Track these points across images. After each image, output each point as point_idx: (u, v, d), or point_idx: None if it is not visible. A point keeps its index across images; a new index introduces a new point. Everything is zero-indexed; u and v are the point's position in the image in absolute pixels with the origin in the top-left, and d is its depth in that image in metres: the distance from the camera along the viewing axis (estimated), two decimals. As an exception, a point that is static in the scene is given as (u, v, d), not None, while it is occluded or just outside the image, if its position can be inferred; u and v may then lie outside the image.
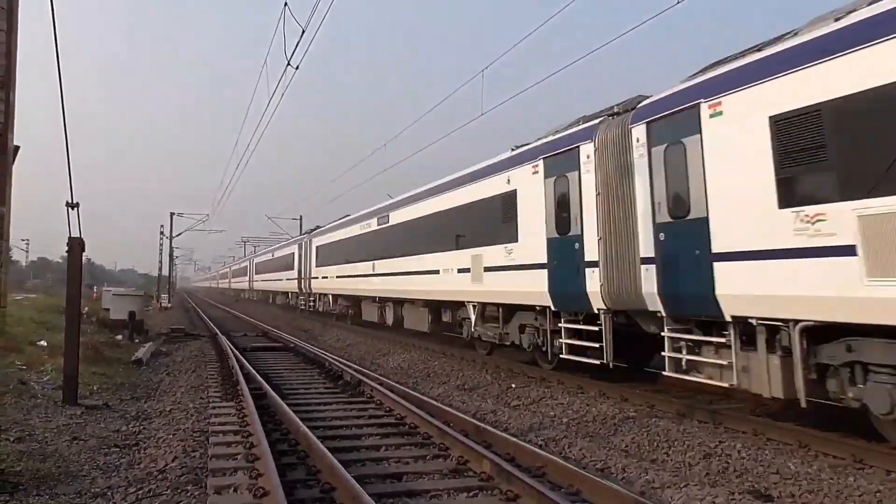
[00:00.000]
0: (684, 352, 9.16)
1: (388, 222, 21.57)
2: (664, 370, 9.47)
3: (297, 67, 11.70)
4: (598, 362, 10.91)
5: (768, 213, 7.63)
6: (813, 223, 7.09)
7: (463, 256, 15.40)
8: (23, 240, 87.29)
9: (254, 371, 12.73)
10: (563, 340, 11.74)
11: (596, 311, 10.84)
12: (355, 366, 13.98)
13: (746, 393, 8.47)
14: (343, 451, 7.29)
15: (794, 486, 6.50)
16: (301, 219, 58.19)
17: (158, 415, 9.63)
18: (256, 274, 57.92)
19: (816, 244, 7.05)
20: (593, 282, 10.69)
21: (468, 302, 15.47)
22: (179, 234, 55.04)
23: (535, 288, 12.28)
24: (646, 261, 9.65)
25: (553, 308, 11.96)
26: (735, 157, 8.15)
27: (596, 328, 10.89)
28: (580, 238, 11.12)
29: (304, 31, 10.46)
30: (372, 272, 22.89)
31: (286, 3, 10.47)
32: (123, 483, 6.29)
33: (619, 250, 10.22)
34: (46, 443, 7.64)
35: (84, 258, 11.00)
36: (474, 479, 6.38)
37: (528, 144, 13.25)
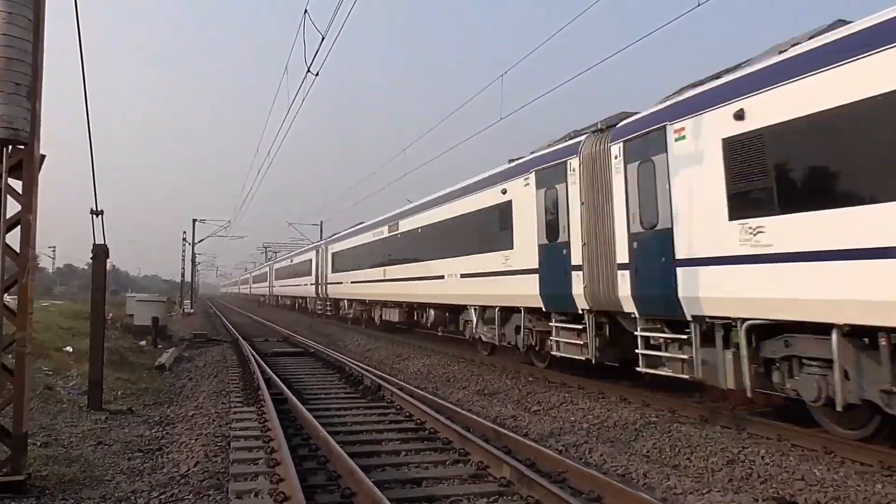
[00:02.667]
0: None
1: None
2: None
3: (316, 74, 11.78)
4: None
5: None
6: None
7: None
8: (49, 247, 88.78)
9: (275, 376, 12.82)
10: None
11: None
12: (375, 371, 14.03)
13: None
14: (363, 455, 7.31)
15: (820, 493, 6.39)
16: (321, 224, 58.56)
17: (181, 420, 9.73)
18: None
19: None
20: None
21: None
22: (201, 241, 55.75)
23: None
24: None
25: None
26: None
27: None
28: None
29: (323, 38, 10.52)
30: None
31: (306, 11, 10.55)
32: (147, 487, 6.36)
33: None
34: (72, 447, 7.76)
35: (108, 265, 11.16)
36: (494, 485, 6.37)
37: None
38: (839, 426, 7.80)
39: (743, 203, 8.09)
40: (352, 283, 28.76)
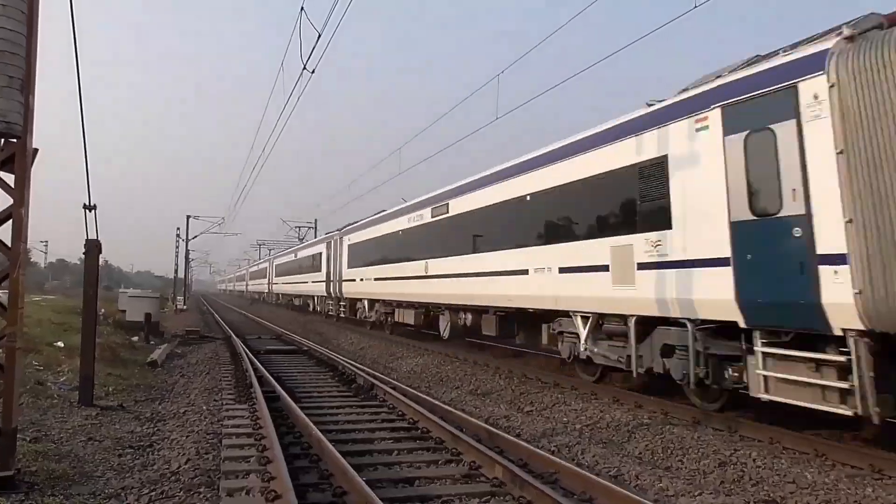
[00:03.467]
0: None
1: None
2: None
3: (312, 71, 11.75)
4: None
5: None
6: None
7: None
8: (41, 241, 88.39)
9: (267, 374, 12.79)
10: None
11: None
12: (368, 369, 14.00)
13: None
14: (355, 454, 7.29)
15: (811, 495, 6.41)
16: (316, 223, 58.44)
17: (172, 416, 9.68)
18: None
19: None
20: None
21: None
22: (195, 237, 55.68)
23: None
24: None
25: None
26: None
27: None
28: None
29: (319, 36, 10.49)
30: None
31: (302, 8, 10.52)
32: (137, 484, 6.33)
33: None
34: (62, 443, 7.71)
35: (101, 260, 11.11)
36: (486, 485, 6.36)
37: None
38: None
39: None
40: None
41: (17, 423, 6.32)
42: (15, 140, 6.17)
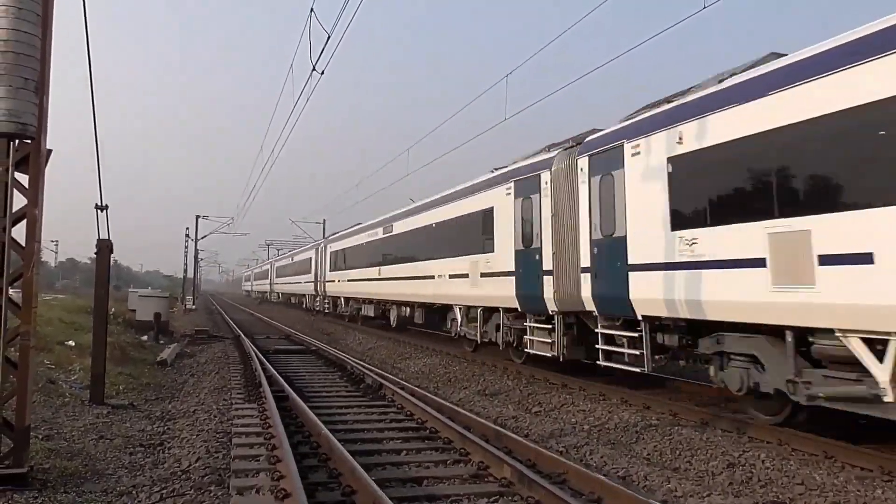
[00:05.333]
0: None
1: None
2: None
3: (322, 73, 11.80)
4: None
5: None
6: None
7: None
8: (52, 241, 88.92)
9: (276, 373, 12.84)
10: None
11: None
12: (377, 369, 14.04)
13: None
14: (364, 454, 7.33)
15: (820, 497, 6.40)
16: (324, 222, 58.60)
17: (182, 415, 9.75)
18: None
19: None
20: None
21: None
22: (205, 237, 55.91)
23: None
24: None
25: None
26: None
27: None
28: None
29: (329, 37, 10.54)
30: None
31: (312, 9, 10.57)
32: (148, 482, 6.39)
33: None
34: (74, 441, 7.79)
35: (111, 260, 11.19)
36: (495, 485, 6.38)
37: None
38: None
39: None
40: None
41: (30, 420, 6.39)
42: (29, 141, 6.24)
